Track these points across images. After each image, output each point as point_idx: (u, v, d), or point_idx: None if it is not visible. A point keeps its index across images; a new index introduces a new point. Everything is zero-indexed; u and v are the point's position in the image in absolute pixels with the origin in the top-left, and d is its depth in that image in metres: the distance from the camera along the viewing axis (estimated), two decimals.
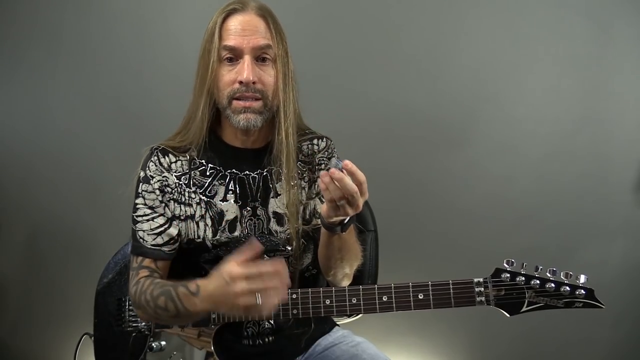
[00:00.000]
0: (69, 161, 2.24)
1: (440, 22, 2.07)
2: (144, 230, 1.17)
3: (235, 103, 1.13)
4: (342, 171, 0.97)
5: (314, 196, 1.26)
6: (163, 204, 1.19)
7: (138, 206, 1.19)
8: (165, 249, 1.17)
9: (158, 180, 1.19)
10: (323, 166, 1.26)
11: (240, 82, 1.12)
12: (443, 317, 2.08)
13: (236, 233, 1.19)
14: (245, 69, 1.11)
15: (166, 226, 1.18)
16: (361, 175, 0.99)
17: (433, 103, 2.08)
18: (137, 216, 1.18)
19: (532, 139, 2.07)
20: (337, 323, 1.39)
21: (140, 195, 1.19)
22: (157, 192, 1.18)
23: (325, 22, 2.11)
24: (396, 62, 2.10)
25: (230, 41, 1.12)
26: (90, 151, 2.22)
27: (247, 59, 1.12)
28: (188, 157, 1.21)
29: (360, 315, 1.43)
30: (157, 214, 1.18)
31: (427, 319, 2.08)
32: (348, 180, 0.98)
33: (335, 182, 0.98)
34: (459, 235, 2.10)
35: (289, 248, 1.20)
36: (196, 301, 1.02)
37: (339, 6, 2.10)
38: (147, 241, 1.17)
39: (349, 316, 1.45)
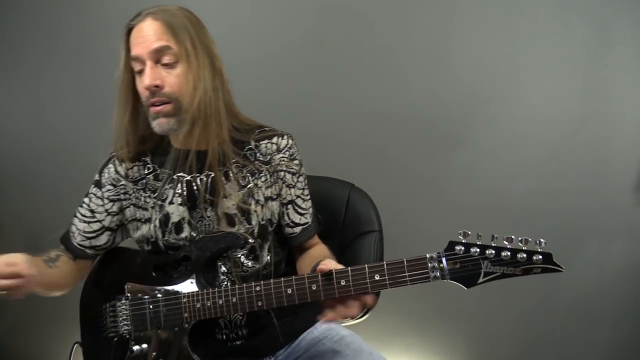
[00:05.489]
0: (69, 162, 2.23)
1: (440, 22, 2.07)
2: (78, 229, 1.26)
3: (151, 110, 1.17)
4: None
5: (275, 198, 1.26)
6: (107, 214, 1.26)
7: (83, 204, 1.28)
8: (88, 251, 1.27)
9: (108, 190, 1.26)
10: (284, 167, 1.26)
11: (147, 89, 1.14)
12: (444, 318, 2.08)
13: (183, 234, 1.21)
14: (145, 76, 1.14)
15: (98, 232, 1.26)
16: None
17: (434, 103, 2.08)
18: (79, 212, 1.28)
19: (532, 139, 2.07)
20: (342, 324, 1.38)
21: (89, 196, 1.28)
22: (106, 200, 1.26)
23: (324, 22, 2.11)
24: (396, 63, 2.10)
25: (132, 51, 1.16)
26: (89, 151, 2.18)
27: (148, 64, 1.14)
28: (142, 161, 1.26)
29: (365, 317, 1.43)
30: (94, 220, 1.26)
31: (427, 319, 2.08)
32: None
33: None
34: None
35: (251, 241, 1.22)
36: None
37: (338, 6, 2.10)
38: (75, 238, 1.26)
39: (353, 318, 1.44)
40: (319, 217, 1.36)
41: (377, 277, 1.03)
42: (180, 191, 1.21)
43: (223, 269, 1.22)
